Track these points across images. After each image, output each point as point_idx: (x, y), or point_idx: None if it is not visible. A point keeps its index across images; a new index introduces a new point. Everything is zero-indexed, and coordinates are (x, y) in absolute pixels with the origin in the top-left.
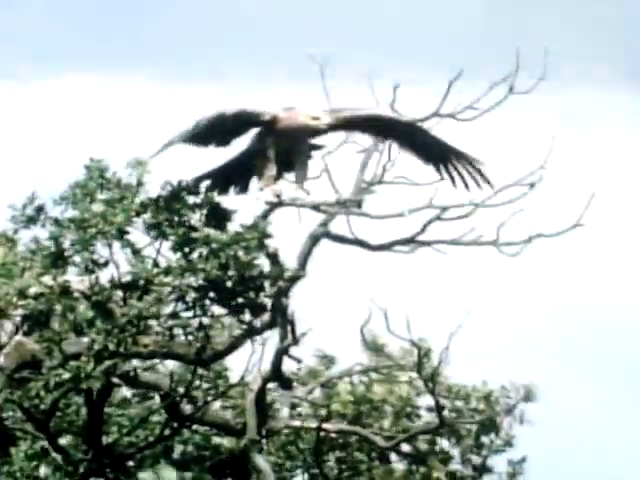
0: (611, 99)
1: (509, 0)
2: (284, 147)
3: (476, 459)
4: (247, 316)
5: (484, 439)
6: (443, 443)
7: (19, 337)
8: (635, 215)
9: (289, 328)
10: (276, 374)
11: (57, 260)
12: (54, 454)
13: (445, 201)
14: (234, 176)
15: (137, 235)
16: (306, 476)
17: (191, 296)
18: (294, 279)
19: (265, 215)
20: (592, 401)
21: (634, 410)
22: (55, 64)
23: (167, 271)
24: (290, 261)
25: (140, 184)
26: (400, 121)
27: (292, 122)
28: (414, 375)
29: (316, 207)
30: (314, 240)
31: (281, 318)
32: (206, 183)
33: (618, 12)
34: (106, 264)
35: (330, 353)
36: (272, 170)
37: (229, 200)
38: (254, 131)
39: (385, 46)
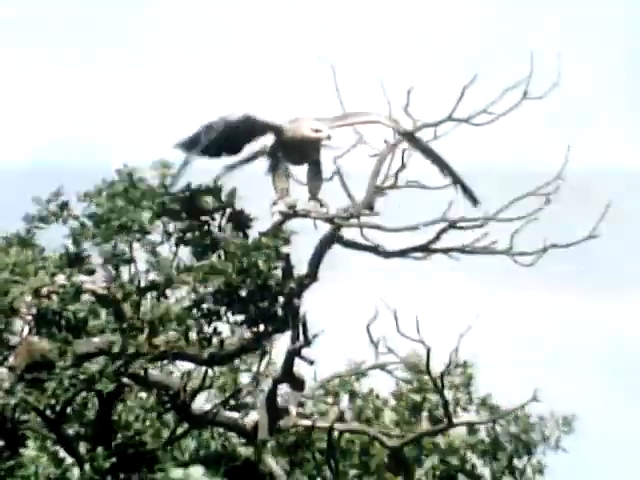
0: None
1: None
2: (295, 159)
3: None
4: (261, 325)
5: (517, 462)
6: (474, 460)
7: (29, 336)
8: None
9: (301, 330)
10: (287, 375)
11: (74, 259)
12: (65, 454)
13: (458, 213)
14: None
15: (156, 237)
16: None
17: (209, 303)
18: (306, 282)
19: (279, 225)
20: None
21: None
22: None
23: (189, 269)
24: (302, 266)
25: (164, 186)
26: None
27: (296, 134)
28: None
29: (329, 220)
30: (326, 245)
31: (292, 320)
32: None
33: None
34: (129, 261)
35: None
36: (285, 183)
37: (250, 206)
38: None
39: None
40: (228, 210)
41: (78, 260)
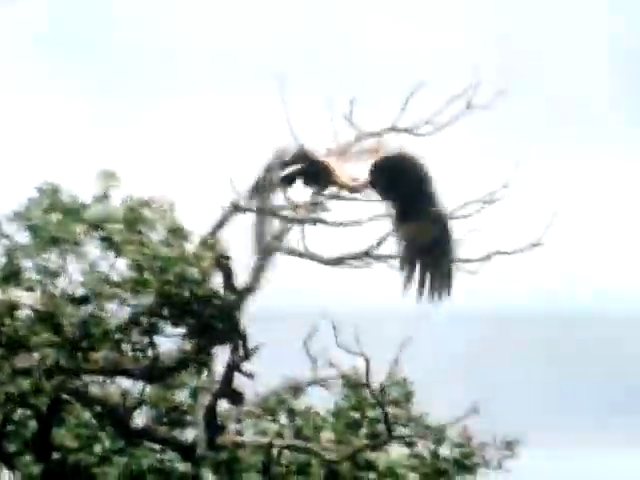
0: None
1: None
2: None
3: None
4: (202, 338)
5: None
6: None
7: None
8: (596, 233)
9: (240, 343)
10: (226, 389)
11: (8, 275)
12: (6, 471)
13: None
14: None
15: (92, 249)
16: None
17: (143, 314)
18: (247, 292)
19: (220, 225)
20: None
21: None
22: None
23: (119, 284)
24: (243, 275)
25: (105, 197)
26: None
27: (337, 179)
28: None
29: (275, 214)
30: (267, 254)
31: (232, 332)
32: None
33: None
34: (59, 274)
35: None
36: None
37: (190, 216)
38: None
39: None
40: (167, 222)
41: (12, 275)
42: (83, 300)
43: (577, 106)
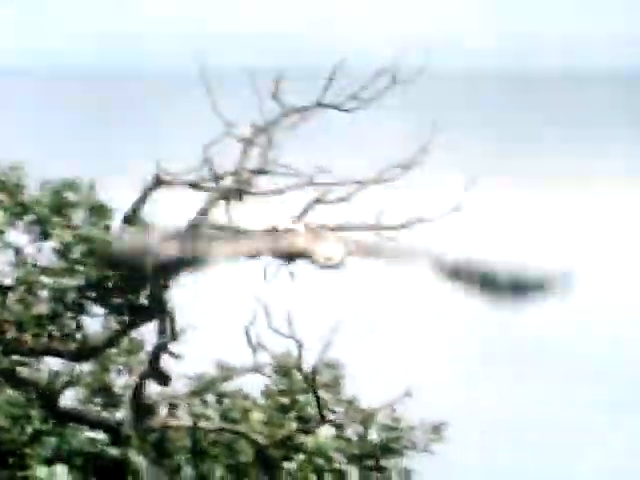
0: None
1: None
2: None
3: None
4: (127, 316)
5: (384, 462)
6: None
7: None
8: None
9: (168, 324)
10: (153, 370)
11: None
12: None
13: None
14: None
15: (19, 237)
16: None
17: (70, 296)
18: (174, 271)
19: (142, 201)
20: None
21: None
22: None
23: (45, 272)
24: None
25: (19, 186)
26: None
27: (307, 253)
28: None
29: (196, 186)
30: (192, 228)
31: (159, 313)
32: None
33: None
34: None
35: (231, 364)
36: None
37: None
38: None
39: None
40: (90, 204)
41: None
42: (9, 288)
43: (496, 78)
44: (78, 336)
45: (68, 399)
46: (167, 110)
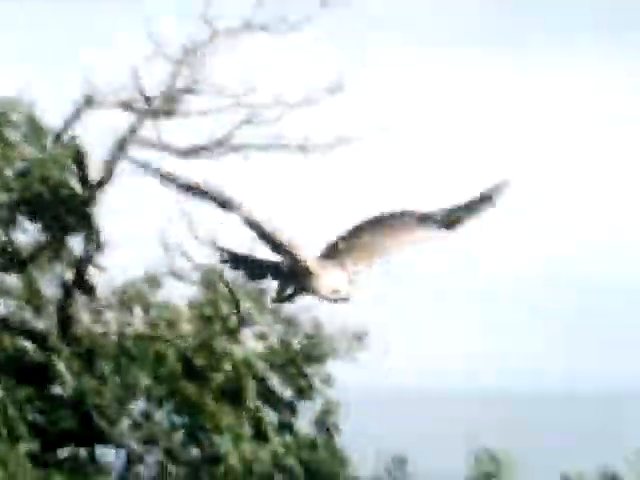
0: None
1: None
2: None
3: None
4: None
5: (307, 370)
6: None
7: None
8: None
9: (93, 236)
10: (78, 281)
11: None
12: None
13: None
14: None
15: None
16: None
17: (3, 213)
18: (99, 186)
19: (73, 119)
20: None
21: None
22: None
23: None
24: (97, 166)
25: None
26: None
27: (317, 289)
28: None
29: (125, 105)
30: (121, 145)
31: (85, 225)
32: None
33: None
34: None
35: (157, 275)
36: None
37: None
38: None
39: None
40: (27, 122)
41: None
42: None
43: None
44: (8, 248)
45: None
46: None
